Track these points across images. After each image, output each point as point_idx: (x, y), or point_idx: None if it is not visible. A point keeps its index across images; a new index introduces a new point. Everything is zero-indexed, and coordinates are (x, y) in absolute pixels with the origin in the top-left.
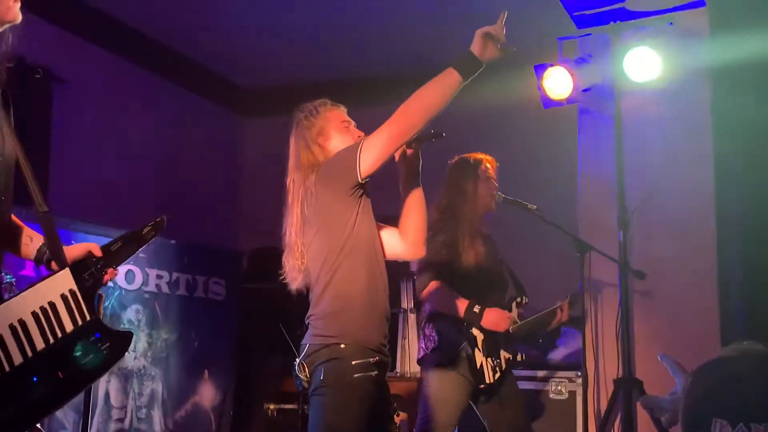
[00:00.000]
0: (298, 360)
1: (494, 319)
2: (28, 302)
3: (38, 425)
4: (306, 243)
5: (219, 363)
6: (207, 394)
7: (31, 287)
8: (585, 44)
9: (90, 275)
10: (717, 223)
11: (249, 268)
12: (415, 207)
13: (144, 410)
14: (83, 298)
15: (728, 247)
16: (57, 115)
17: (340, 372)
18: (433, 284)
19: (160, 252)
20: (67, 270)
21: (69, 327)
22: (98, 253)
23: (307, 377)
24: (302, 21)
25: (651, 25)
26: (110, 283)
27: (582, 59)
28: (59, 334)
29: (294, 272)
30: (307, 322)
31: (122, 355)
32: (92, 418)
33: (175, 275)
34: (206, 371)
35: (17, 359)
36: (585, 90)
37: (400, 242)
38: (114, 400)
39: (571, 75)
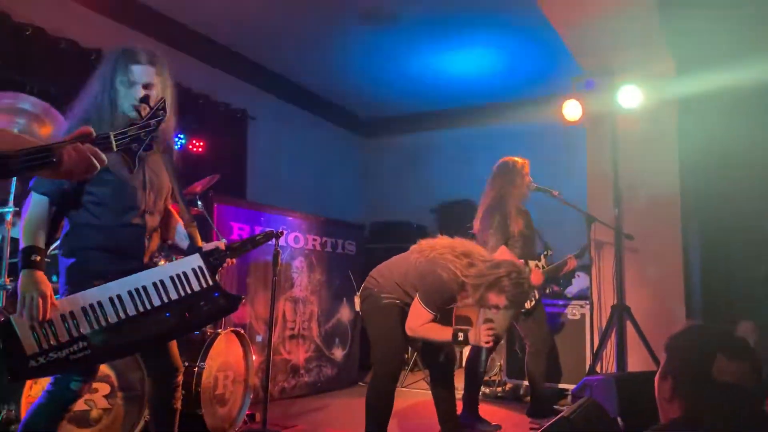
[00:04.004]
0: (357, 293)
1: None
2: (169, 270)
3: (240, 329)
4: None
5: (352, 294)
6: (345, 313)
7: (174, 261)
8: (591, 85)
9: (214, 259)
10: (682, 204)
11: (370, 235)
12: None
13: (306, 323)
14: (208, 272)
15: (688, 217)
16: (250, 138)
17: (375, 302)
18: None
19: (314, 225)
20: (197, 254)
21: (196, 287)
22: (223, 247)
23: (360, 305)
24: (399, 73)
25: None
26: (285, 244)
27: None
28: (189, 291)
29: None
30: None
31: (234, 309)
32: (275, 328)
33: (324, 238)
34: (344, 299)
35: (156, 302)
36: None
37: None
38: (288, 317)
39: (581, 104)
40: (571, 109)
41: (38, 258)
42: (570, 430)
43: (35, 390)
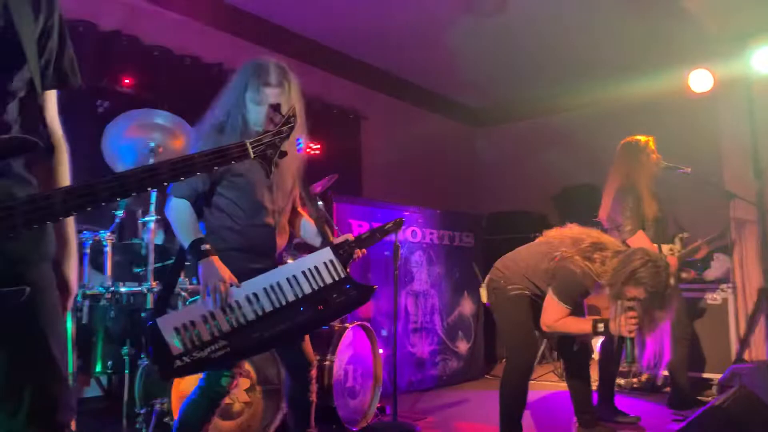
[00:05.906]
0: (483, 284)
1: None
2: (301, 265)
3: (366, 323)
4: None
5: (473, 286)
6: (467, 305)
7: (306, 256)
8: (718, 49)
9: (344, 251)
10: None
11: (487, 226)
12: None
13: (428, 316)
14: (339, 264)
15: None
16: (363, 137)
17: (503, 294)
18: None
19: (431, 218)
20: (328, 248)
21: (328, 280)
22: (352, 239)
23: (486, 296)
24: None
25: None
26: (403, 238)
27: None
28: (321, 285)
29: None
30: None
31: (366, 300)
32: (398, 322)
33: (441, 232)
34: (465, 291)
35: (290, 297)
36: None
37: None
38: (410, 311)
39: (711, 73)
40: (700, 79)
41: (208, 246)
42: (724, 420)
43: (183, 385)
